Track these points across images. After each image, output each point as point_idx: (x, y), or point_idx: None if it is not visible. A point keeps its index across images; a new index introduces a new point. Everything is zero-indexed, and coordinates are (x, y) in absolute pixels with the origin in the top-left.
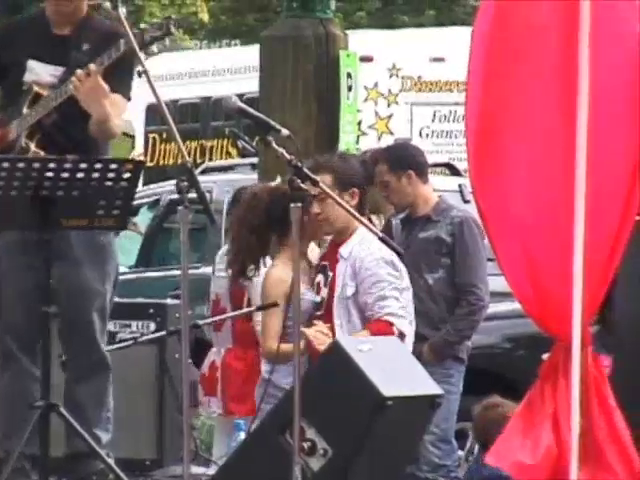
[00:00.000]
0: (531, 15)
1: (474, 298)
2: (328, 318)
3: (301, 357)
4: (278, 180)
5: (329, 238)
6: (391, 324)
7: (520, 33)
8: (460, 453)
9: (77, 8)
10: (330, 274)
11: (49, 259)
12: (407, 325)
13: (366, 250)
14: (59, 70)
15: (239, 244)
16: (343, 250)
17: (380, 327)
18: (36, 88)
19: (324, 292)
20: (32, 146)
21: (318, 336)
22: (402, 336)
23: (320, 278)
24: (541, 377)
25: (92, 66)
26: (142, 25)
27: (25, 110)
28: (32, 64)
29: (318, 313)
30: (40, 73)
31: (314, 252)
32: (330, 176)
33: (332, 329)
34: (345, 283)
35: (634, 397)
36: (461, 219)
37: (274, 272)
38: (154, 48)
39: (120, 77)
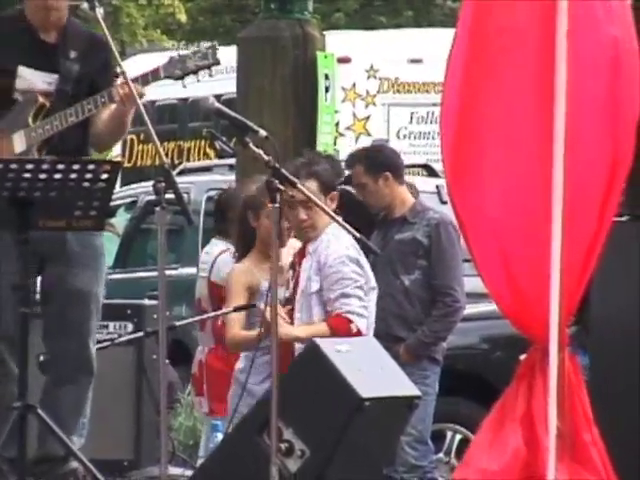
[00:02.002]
0: (509, 18)
1: (450, 300)
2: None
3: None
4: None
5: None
6: (350, 321)
7: (498, 36)
8: (440, 455)
9: (63, 15)
10: (298, 269)
11: (27, 259)
12: (365, 325)
13: (332, 247)
14: (52, 77)
15: None
16: (310, 246)
17: (338, 322)
18: (41, 99)
19: (292, 287)
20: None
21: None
22: (359, 335)
23: (290, 274)
24: (516, 378)
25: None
26: (185, 51)
27: (31, 121)
28: (23, 71)
29: (288, 307)
30: (33, 80)
31: (289, 254)
32: (316, 182)
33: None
34: (309, 277)
35: (610, 396)
36: (438, 221)
37: (237, 266)
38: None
39: (108, 80)
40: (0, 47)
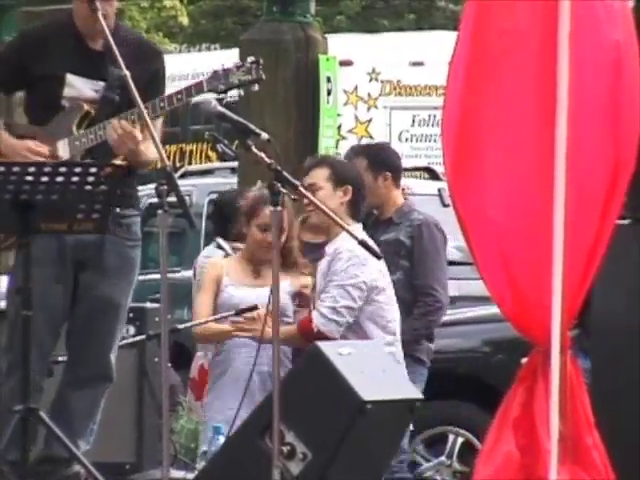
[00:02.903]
0: (510, 20)
1: (431, 299)
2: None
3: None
4: (258, 184)
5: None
6: (310, 321)
7: (499, 38)
8: (442, 458)
9: (110, 22)
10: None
11: (28, 262)
12: (334, 329)
13: (345, 247)
14: (100, 85)
15: None
16: (328, 248)
17: (303, 322)
18: (86, 107)
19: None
20: None
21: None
22: (321, 337)
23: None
24: (517, 381)
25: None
26: (229, 65)
27: (75, 130)
28: (71, 79)
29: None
30: (81, 88)
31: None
32: (327, 170)
33: None
34: (321, 277)
35: (611, 400)
36: (421, 222)
37: (212, 260)
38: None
39: (158, 91)
40: (49, 54)
